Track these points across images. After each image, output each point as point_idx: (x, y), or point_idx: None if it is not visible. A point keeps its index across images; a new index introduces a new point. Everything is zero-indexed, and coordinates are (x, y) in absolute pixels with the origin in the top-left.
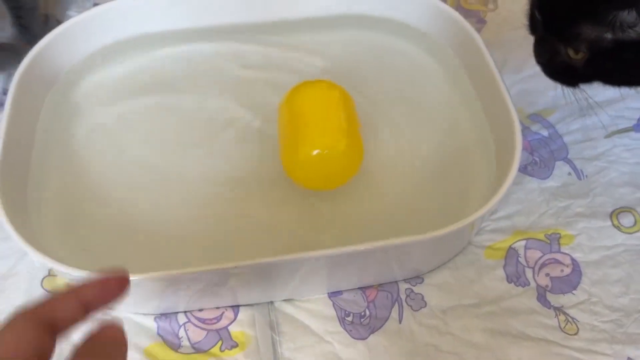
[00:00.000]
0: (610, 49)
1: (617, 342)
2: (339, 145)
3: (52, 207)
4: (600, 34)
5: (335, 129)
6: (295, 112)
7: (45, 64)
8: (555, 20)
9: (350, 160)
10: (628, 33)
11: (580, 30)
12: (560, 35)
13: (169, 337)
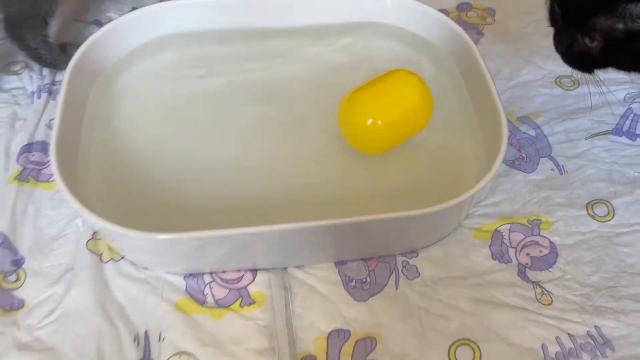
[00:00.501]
0: (622, 38)
1: (586, 313)
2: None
3: (96, 178)
4: (612, 24)
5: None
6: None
7: (92, 59)
8: (573, 13)
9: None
10: (637, 23)
11: (595, 22)
12: (577, 26)
13: (196, 294)
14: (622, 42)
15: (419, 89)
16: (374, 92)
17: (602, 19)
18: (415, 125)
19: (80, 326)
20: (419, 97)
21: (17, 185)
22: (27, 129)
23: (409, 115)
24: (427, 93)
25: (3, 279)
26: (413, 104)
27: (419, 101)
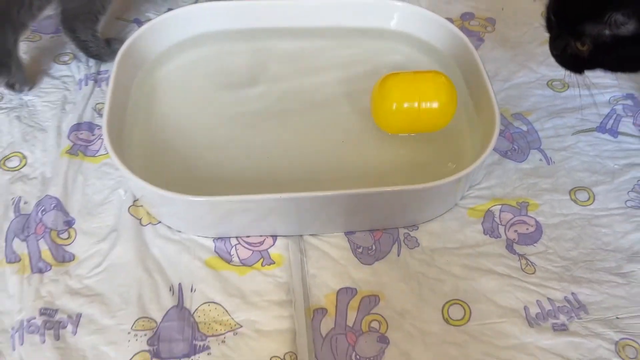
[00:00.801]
0: (609, 42)
1: (564, 281)
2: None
3: (138, 152)
4: (600, 30)
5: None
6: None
7: (135, 52)
8: (566, 21)
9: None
10: (621, 30)
11: (585, 28)
12: (570, 32)
13: (223, 254)
14: (609, 46)
15: (447, 90)
16: (404, 80)
17: (591, 26)
18: (438, 121)
19: (123, 277)
20: (445, 97)
21: (68, 158)
22: (76, 111)
23: (434, 109)
24: (454, 95)
25: (57, 236)
26: (439, 100)
27: (445, 100)
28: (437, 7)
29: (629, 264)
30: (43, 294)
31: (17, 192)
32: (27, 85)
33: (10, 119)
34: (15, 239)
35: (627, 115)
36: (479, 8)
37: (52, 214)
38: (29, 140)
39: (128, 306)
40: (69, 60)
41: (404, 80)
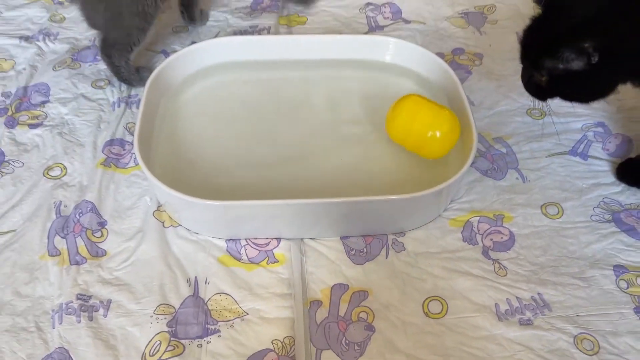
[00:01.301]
0: (562, 75)
1: (532, 283)
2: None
3: (163, 163)
4: (555, 64)
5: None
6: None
7: (163, 79)
8: (529, 55)
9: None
10: (571, 65)
11: (543, 62)
12: (532, 64)
13: (234, 253)
14: (563, 78)
15: (450, 123)
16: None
17: (548, 60)
18: (439, 148)
19: (147, 270)
20: (448, 128)
21: (102, 169)
22: (110, 129)
23: (435, 137)
24: (457, 129)
25: (92, 235)
26: (441, 130)
27: (447, 130)
28: (432, 42)
29: (590, 269)
30: (79, 283)
31: (59, 197)
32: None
33: (54, 135)
34: (57, 236)
35: (597, 140)
36: (469, 44)
37: (88, 216)
38: (69, 153)
39: (151, 294)
40: (104, 86)
41: (426, 106)
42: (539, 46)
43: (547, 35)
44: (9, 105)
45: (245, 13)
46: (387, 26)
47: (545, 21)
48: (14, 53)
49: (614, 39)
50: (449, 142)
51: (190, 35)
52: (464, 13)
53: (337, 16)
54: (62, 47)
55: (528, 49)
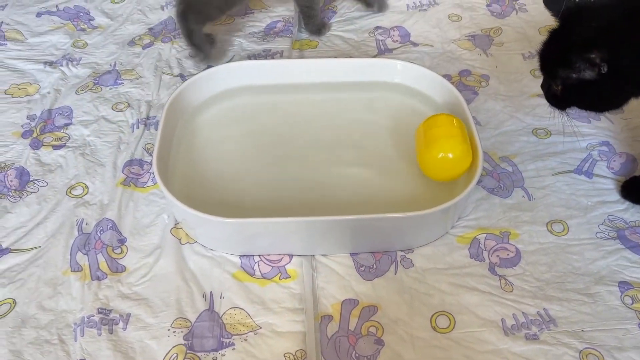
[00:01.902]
0: (575, 84)
1: (538, 299)
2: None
3: (180, 183)
4: (568, 74)
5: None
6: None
7: (180, 102)
8: (546, 66)
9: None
10: (583, 75)
11: (557, 72)
12: (548, 75)
13: (247, 269)
14: (576, 88)
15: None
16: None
17: (562, 70)
18: (448, 172)
19: (165, 285)
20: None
21: (122, 188)
22: (129, 150)
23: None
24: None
25: (112, 251)
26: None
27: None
28: (439, 65)
29: (596, 285)
30: (100, 297)
31: (80, 215)
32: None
33: (76, 155)
34: (79, 253)
35: (602, 159)
36: (475, 66)
37: (109, 233)
38: (90, 173)
39: (168, 308)
40: (124, 108)
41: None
42: (554, 57)
43: (562, 46)
44: (34, 128)
45: (258, 37)
46: (396, 49)
47: (561, 33)
48: (38, 77)
49: (623, 51)
50: (459, 167)
51: (206, 59)
52: (470, 36)
53: (347, 40)
54: (85, 72)
55: (545, 60)
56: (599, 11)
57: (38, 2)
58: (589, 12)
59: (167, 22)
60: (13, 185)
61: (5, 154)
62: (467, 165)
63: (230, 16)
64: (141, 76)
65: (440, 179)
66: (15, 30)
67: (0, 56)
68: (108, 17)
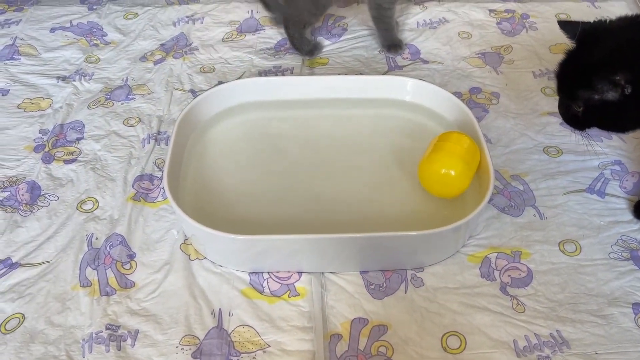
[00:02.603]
0: (598, 105)
1: (550, 320)
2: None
3: (190, 199)
4: (590, 95)
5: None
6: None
7: (191, 117)
8: (564, 87)
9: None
10: (606, 95)
11: (579, 93)
12: (568, 96)
13: (257, 286)
14: (599, 109)
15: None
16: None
17: (583, 91)
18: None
19: (173, 301)
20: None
21: (132, 203)
22: (140, 165)
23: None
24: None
25: (121, 266)
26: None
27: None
28: (450, 82)
29: (609, 307)
30: (109, 313)
31: (90, 230)
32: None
33: (87, 170)
34: (88, 268)
35: (614, 178)
36: (486, 84)
37: (118, 248)
38: (101, 188)
39: (177, 325)
40: (135, 123)
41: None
42: (574, 78)
43: (581, 67)
44: (46, 142)
45: (269, 54)
46: (406, 66)
47: (579, 54)
48: (51, 92)
49: None
50: (460, 183)
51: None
52: (480, 53)
53: (357, 57)
54: (97, 87)
55: (563, 81)
56: (616, 31)
57: (52, 17)
58: (606, 32)
59: (178, 37)
60: (24, 199)
61: (17, 167)
62: (463, 185)
63: (242, 32)
64: (152, 91)
65: (434, 192)
66: (29, 45)
67: (14, 71)
68: (121, 33)
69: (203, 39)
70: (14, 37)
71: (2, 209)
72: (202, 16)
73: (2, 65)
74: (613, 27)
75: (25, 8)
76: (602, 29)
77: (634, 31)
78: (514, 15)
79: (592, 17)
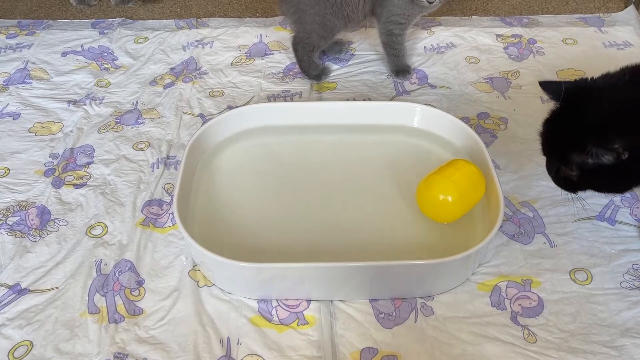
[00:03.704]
0: (593, 169)
1: (562, 351)
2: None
3: (199, 225)
4: (584, 159)
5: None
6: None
7: (201, 141)
8: (555, 149)
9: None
10: (602, 159)
11: (570, 157)
12: (558, 159)
13: (265, 313)
14: (594, 172)
15: (482, 185)
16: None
17: (576, 155)
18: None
19: (182, 329)
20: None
21: (141, 229)
22: (149, 189)
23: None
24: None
25: (130, 293)
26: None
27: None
28: (458, 107)
29: (621, 338)
30: (117, 341)
31: (99, 255)
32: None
33: (96, 195)
34: (97, 294)
35: (624, 205)
36: (493, 109)
37: (127, 274)
38: (110, 213)
39: (185, 354)
40: (144, 148)
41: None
42: (565, 141)
43: (572, 130)
44: (56, 166)
45: (278, 78)
46: (414, 91)
47: (567, 115)
48: (62, 116)
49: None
50: (452, 208)
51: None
52: (488, 78)
53: (365, 81)
54: (107, 111)
55: (552, 143)
56: (605, 91)
57: (63, 41)
58: (594, 93)
59: (188, 62)
60: (34, 224)
61: (27, 192)
62: (454, 211)
63: (251, 57)
64: (162, 115)
65: (426, 213)
66: (41, 69)
67: (25, 94)
68: (131, 57)
69: (212, 63)
70: (25, 61)
71: (12, 234)
72: (211, 40)
73: (13, 89)
74: (599, 86)
75: (37, 32)
76: (588, 88)
77: (624, 92)
78: (521, 40)
79: (599, 41)
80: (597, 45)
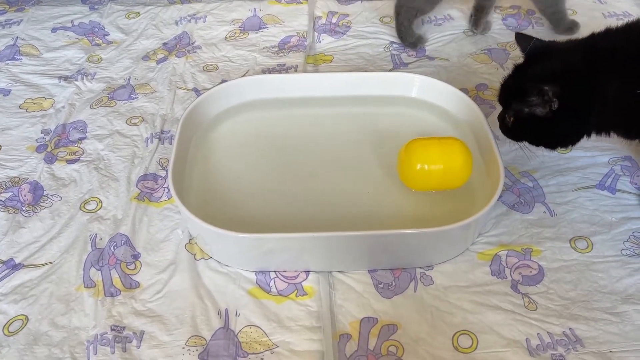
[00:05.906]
0: (527, 119)
1: (563, 318)
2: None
3: (195, 197)
4: (521, 108)
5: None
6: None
7: (195, 116)
8: (503, 98)
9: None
10: (534, 110)
11: (511, 104)
12: (503, 106)
13: (263, 285)
14: (527, 122)
15: (464, 154)
16: (428, 145)
17: (515, 103)
18: (456, 180)
19: (179, 302)
20: (463, 160)
21: (136, 203)
22: (143, 164)
23: (452, 170)
24: (469, 159)
25: (126, 267)
26: (457, 163)
27: (462, 162)
28: (456, 79)
29: (622, 304)
30: (113, 314)
31: (94, 230)
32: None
33: (90, 170)
34: (92, 268)
35: (624, 174)
36: (492, 80)
37: (122, 248)
38: (104, 188)
39: (183, 326)
40: (138, 123)
41: (428, 144)
42: (509, 91)
43: (519, 79)
44: (48, 142)
45: (273, 52)
46: (412, 63)
47: (523, 68)
48: (53, 92)
49: (575, 90)
50: (466, 170)
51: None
52: (486, 49)
53: (362, 54)
54: (99, 86)
55: (503, 91)
56: (561, 51)
57: (53, 17)
58: (552, 50)
59: (181, 37)
60: (27, 199)
61: (19, 168)
62: (427, 181)
63: (244, 31)
64: (155, 90)
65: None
66: (31, 45)
67: (16, 71)
68: (123, 32)
69: (206, 37)
70: (15, 37)
71: (5, 210)
72: (204, 15)
73: (3, 65)
74: (560, 48)
75: (26, 8)
76: (550, 47)
77: (574, 53)
78: (520, 11)
79: (598, 12)
80: (597, 16)
